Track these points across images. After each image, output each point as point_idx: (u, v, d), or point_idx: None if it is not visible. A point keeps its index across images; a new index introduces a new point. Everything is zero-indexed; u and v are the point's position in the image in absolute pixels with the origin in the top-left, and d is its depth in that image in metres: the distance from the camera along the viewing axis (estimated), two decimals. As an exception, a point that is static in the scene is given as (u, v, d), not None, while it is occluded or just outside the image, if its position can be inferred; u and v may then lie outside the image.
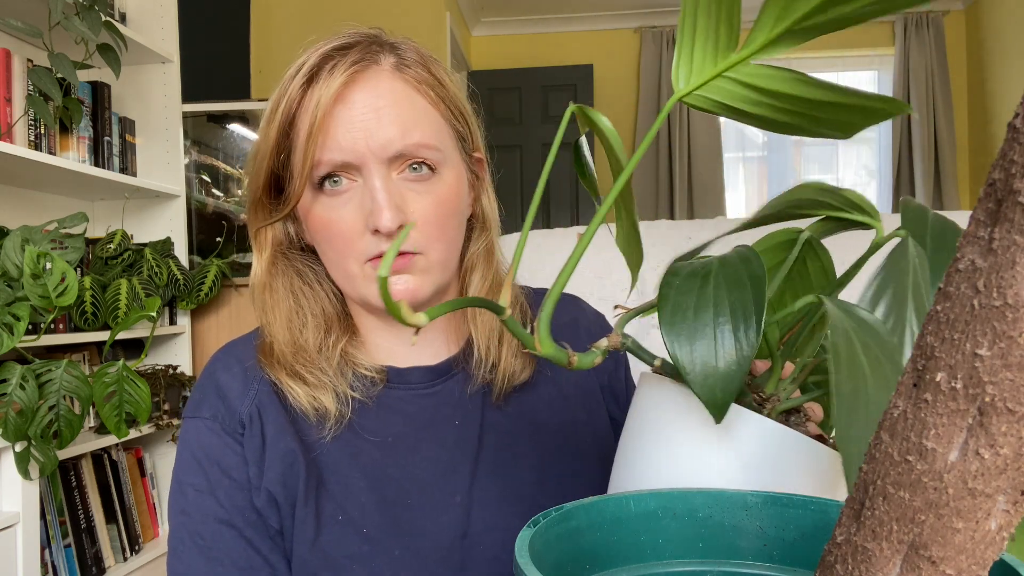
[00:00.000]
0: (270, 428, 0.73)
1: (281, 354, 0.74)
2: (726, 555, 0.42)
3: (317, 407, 0.73)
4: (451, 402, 0.77)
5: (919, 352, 0.26)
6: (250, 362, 0.76)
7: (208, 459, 0.73)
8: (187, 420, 0.76)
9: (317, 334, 0.75)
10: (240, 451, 0.73)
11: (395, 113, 0.69)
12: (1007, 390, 0.23)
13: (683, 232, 2.43)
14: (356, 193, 0.70)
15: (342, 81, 0.68)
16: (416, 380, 0.77)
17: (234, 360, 0.77)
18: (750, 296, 0.44)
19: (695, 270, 0.47)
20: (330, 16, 4.04)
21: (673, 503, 0.42)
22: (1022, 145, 0.23)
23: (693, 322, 0.44)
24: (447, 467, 0.75)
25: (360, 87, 0.69)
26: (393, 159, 0.70)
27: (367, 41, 0.73)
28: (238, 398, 0.74)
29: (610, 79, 5.04)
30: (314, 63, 0.70)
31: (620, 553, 0.41)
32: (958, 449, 0.25)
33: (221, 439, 0.73)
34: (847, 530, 0.28)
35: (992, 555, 0.26)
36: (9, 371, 1.78)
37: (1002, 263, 0.23)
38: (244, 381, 0.75)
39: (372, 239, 0.70)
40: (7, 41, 2.31)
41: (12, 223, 2.09)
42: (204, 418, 0.74)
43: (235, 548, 0.72)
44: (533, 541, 0.36)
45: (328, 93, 0.68)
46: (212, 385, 0.75)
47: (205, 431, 0.74)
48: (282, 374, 0.73)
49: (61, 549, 2.20)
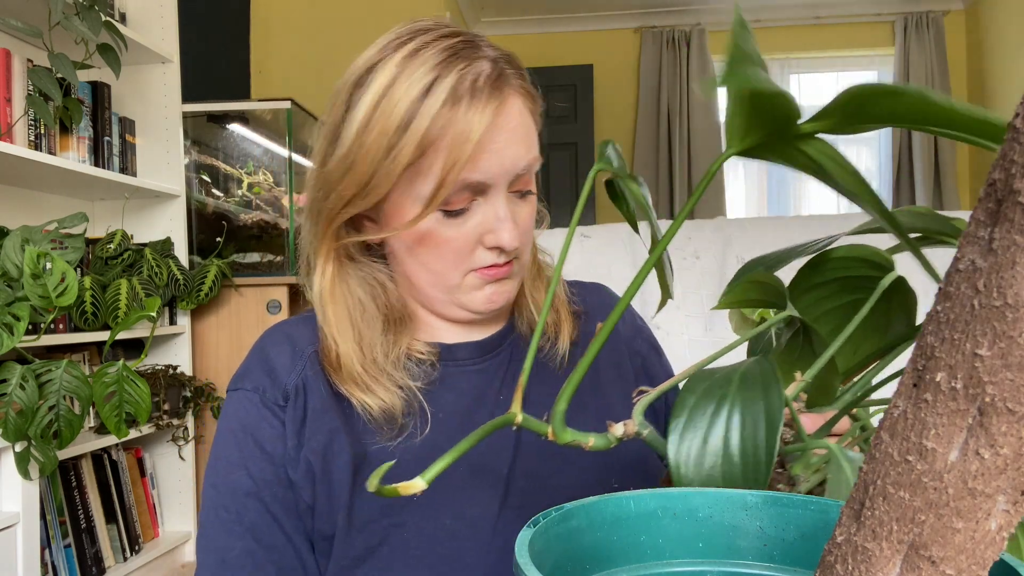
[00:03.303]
0: (314, 401, 0.74)
1: (349, 365, 0.73)
2: (726, 555, 0.42)
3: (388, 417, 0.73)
4: (498, 377, 0.79)
5: (919, 352, 0.26)
6: (300, 340, 0.77)
7: (244, 431, 0.74)
8: (229, 393, 0.77)
9: (383, 336, 0.75)
10: (278, 424, 0.74)
11: (520, 135, 0.71)
12: (1007, 390, 0.23)
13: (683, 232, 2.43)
14: (477, 211, 0.71)
15: (493, 108, 0.67)
16: (464, 356, 0.79)
17: (284, 337, 0.78)
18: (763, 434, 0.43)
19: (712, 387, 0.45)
20: (330, 16, 4.04)
21: (673, 503, 0.42)
22: (1022, 145, 0.23)
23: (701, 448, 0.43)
24: (494, 441, 0.76)
25: (502, 113, 0.69)
26: (514, 180, 0.72)
27: (495, 55, 0.71)
28: (284, 371, 0.75)
29: (610, 79, 5.04)
30: (454, 81, 0.67)
31: (620, 553, 0.41)
32: (958, 449, 0.25)
33: (259, 411, 0.74)
34: (847, 530, 0.28)
35: (992, 555, 0.26)
36: (9, 371, 1.78)
37: (1002, 263, 0.23)
38: (292, 356, 0.76)
39: (485, 253, 0.72)
40: (7, 41, 2.31)
41: (12, 223, 2.09)
42: (246, 390, 0.75)
43: (259, 522, 0.72)
44: (533, 541, 0.36)
45: (482, 122, 0.67)
46: (259, 358, 0.77)
47: (245, 403, 0.75)
48: (352, 387, 0.73)
49: (61, 549, 2.20)
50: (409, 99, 0.67)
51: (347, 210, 0.72)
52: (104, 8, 2.29)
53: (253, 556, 0.72)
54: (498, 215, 0.71)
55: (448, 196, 0.68)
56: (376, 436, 0.74)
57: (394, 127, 0.67)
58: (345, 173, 0.70)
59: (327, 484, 0.73)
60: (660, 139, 4.97)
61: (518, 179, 0.72)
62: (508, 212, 0.71)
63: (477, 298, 0.75)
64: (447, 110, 0.66)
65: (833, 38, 4.99)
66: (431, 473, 0.37)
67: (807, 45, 4.95)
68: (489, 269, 0.73)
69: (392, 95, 0.68)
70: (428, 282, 0.75)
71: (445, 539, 0.72)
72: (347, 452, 0.73)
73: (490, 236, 0.71)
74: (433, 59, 0.68)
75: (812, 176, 0.35)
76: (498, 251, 0.72)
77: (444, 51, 0.69)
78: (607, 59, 5.04)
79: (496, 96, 0.68)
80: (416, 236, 0.72)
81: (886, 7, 4.87)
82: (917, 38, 4.79)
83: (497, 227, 0.71)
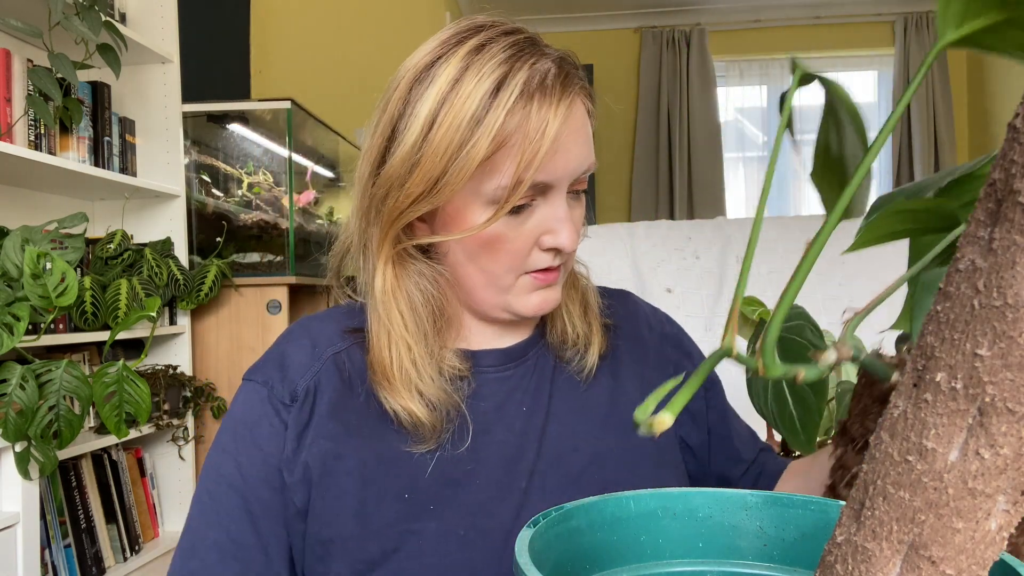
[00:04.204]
0: (323, 405, 0.73)
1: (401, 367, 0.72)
2: (726, 555, 0.42)
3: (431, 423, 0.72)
4: (521, 387, 0.78)
5: (919, 352, 0.26)
6: (322, 341, 0.76)
7: (244, 424, 0.74)
8: (243, 381, 0.76)
9: (431, 340, 0.74)
10: (279, 424, 0.73)
11: (583, 136, 0.70)
12: (1007, 390, 0.23)
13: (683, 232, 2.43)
14: (536, 211, 0.70)
15: (565, 108, 0.67)
16: (488, 364, 0.78)
17: (305, 334, 0.77)
18: None
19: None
20: (330, 16, 4.04)
21: (673, 503, 0.42)
22: (1022, 145, 0.23)
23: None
24: (515, 452, 0.75)
25: (571, 114, 0.69)
26: (573, 181, 0.71)
27: (557, 54, 0.71)
28: (299, 371, 0.74)
29: (610, 79, 5.04)
30: (526, 78, 0.66)
31: (620, 553, 0.41)
32: (958, 449, 0.25)
33: (263, 407, 0.73)
34: (847, 530, 0.28)
35: (992, 555, 0.26)
36: (9, 371, 1.78)
37: (1002, 263, 0.23)
38: (311, 356, 0.75)
39: (541, 255, 0.72)
40: (7, 41, 2.31)
41: (12, 223, 2.09)
42: (256, 382, 0.75)
43: (234, 518, 0.72)
44: (533, 541, 0.36)
45: (555, 123, 0.66)
46: (277, 353, 0.76)
47: (252, 395, 0.74)
48: (394, 392, 0.71)
49: (61, 549, 2.20)
50: (480, 93, 0.65)
51: (413, 209, 0.70)
52: (104, 8, 2.29)
53: (221, 548, 0.71)
54: (558, 216, 0.70)
55: (519, 197, 0.67)
56: (409, 440, 0.72)
57: (466, 121, 0.65)
58: (411, 171, 0.68)
59: (328, 488, 0.72)
60: (660, 139, 4.97)
61: (577, 180, 0.72)
62: (568, 213, 0.70)
63: (528, 303, 0.74)
64: (521, 106, 0.65)
65: (833, 38, 4.99)
66: (676, 407, 0.34)
67: (807, 45, 4.95)
68: (543, 273, 0.73)
69: (461, 90, 0.66)
70: (481, 284, 0.74)
71: (458, 548, 0.71)
72: (355, 457, 0.71)
73: (548, 237, 0.71)
74: (501, 54, 0.66)
75: None
76: (554, 253, 0.72)
77: (510, 47, 0.67)
78: (607, 59, 5.04)
79: (567, 95, 0.67)
80: (487, 237, 0.70)
81: (886, 7, 4.87)
82: (917, 38, 4.79)
83: (557, 227, 0.70)
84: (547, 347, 0.81)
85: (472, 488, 0.73)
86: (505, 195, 0.67)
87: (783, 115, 0.39)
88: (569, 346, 0.80)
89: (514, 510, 0.73)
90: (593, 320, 0.81)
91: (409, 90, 0.69)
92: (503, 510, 0.73)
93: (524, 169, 0.65)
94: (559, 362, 0.80)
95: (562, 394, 0.79)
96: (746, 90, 5.14)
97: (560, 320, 0.80)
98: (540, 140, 0.65)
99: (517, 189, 0.66)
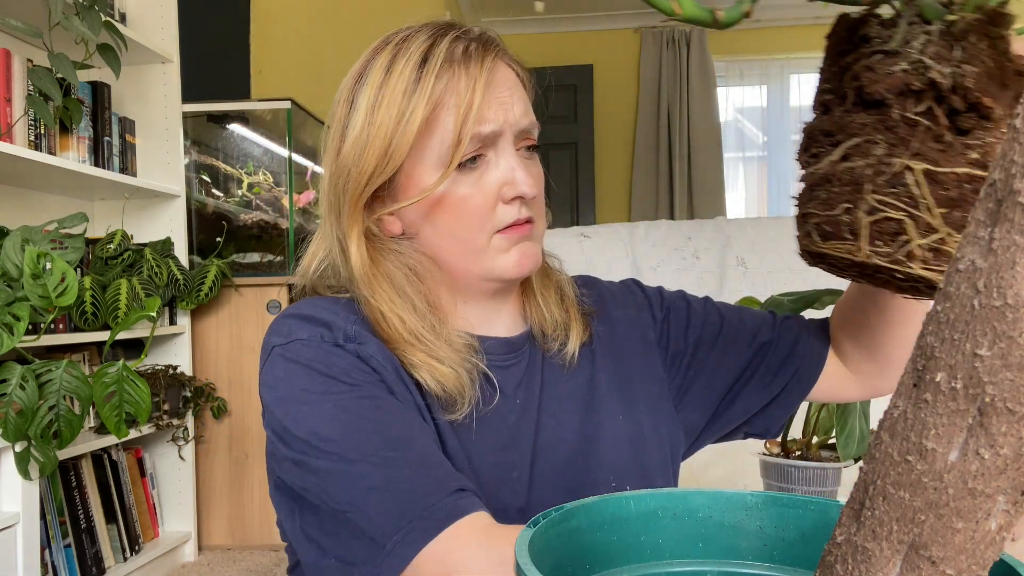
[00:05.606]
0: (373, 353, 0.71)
1: (412, 328, 0.72)
2: (726, 555, 0.42)
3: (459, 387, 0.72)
4: (517, 378, 0.79)
5: (919, 352, 0.26)
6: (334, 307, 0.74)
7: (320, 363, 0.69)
8: (276, 351, 0.71)
9: (429, 318, 0.75)
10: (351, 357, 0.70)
11: (519, 95, 0.76)
12: (1007, 390, 0.23)
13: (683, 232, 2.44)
14: (488, 168, 0.74)
15: (489, 65, 0.72)
16: (492, 351, 0.79)
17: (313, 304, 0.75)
18: None
19: None
20: (330, 16, 4.04)
21: (673, 503, 0.42)
22: (1022, 145, 0.23)
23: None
24: (510, 442, 0.76)
25: (497, 70, 0.74)
26: (519, 134, 0.75)
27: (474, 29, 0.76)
28: (339, 318, 0.72)
29: (610, 79, 5.04)
30: (448, 48, 0.72)
31: (620, 553, 0.41)
32: (958, 449, 0.25)
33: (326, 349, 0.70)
34: (847, 530, 0.28)
35: (992, 555, 0.26)
36: (9, 371, 1.78)
37: (1002, 263, 0.23)
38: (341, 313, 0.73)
39: (505, 208, 0.74)
40: (7, 41, 2.31)
41: (12, 223, 2.09)
42: (301, 339, 0.71)
43: (390, 408, 0.68)
44: (533, 541, 0.36)
45: (481, 76, 0.71)
46: (297, 319, 0.73)
47: (304, 348, 0.70)
48: (420, 354, 0.71)
49: (61, 549, 2.20)
50: (409, 69, 0.72)
51: (371, 184, 0.74)
52: (104, 8, 2.29)
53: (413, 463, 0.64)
54: (511, 164, 0.73)
55: (468, 150, 0.72)
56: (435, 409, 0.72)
57: (401, 94, 0.71)
58: (362, 151, 0.74)
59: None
60: (660, 139, 4.96)
61: (523, 135, 0.75)
62: (520, 162, 0.74)
63: (507, 262, 0.75)
64: (447, 69, 0.71)
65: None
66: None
67: (807, 45, 4.95)
68: (513, 228, 0.74)
69: (393, 72, 0.72)
70: (457, 253, 0.75)
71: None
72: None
73: (508, 188, 0.73)
74: (422, 35, 0.74)
75: None
76: (519, 204, 0.74)
77: (431, 29, 0.75)
78: (607, 59, 5.04)
79: (489, 56, 0.73)
80: (435, 202, 0.73)
81: (885, 7, 4.86)
82: (917, 38, 4.78)
83: (512, 176, 0.73)
84: (535, 341, 0.82)
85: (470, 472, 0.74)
86: (450, 152, 0.72)
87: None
88: (549, 333, 0.82)
89: (513, 498, 0.75)
90: (570, 307, 0.83)
91: (351, 92, 0.76)
92: (499, 498, 0.74)
93: (463, 123, 0.70)
94: (545, 354, 0.82)
95: (549, 380, 0.80)
96: (746, 90, 5.14)
97: (537, 308, 0.82)
98: (472, 93, 0.71)
99: (460, 143, 0.71)
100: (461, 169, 0.73)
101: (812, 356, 0.83)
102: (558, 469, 0.77)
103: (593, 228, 2.35)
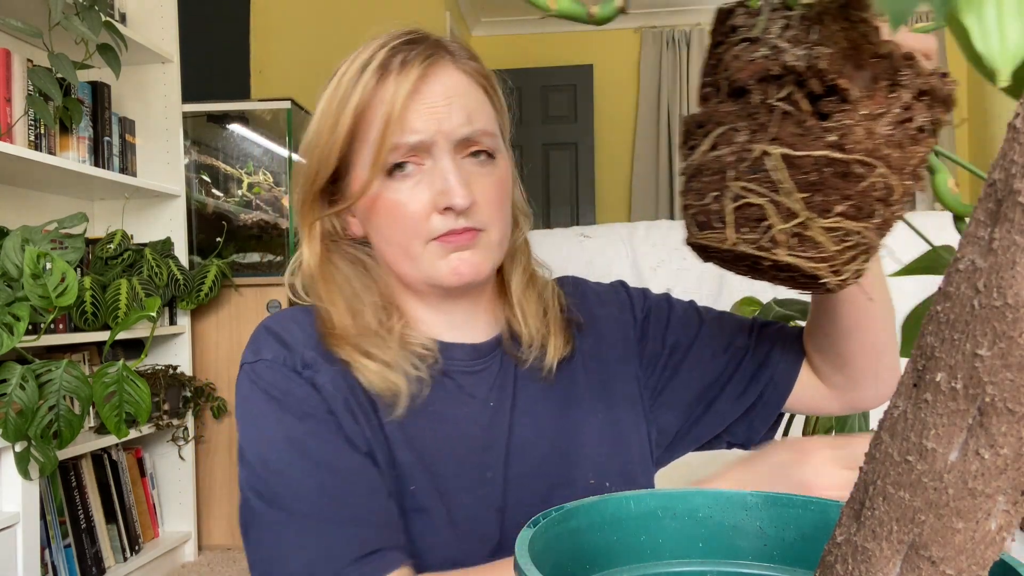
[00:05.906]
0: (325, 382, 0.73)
1: (346, 335, 0.75)
2: (726, 555, 0.42)
3: (390, 386, 0.73)
4: (488, 383, 0.80)
5: (919, 352, 0.26)
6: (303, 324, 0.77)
7: (277, 389, 0.73)
8: (244, 368, 0.75)
9: (376, 316, 0.77)
10: (306, 386, 0.73)
11: (462, 103, 0.75)
12: (1007, 390, 0.23)
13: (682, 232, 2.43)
14: (424, 176, 0.74)
15: (418, 74, 0.73)
16: (460, 357, 0.79)
17: (289, 318, 0.78)
18: None
19: None
20: (330, 16, 4.04)
21: (673, 503, 0.42)
22: (1022, 145, 0.23)
23: None
24: (483, 444, 0.77)
25: (431, 79, 0.74)
26: (460, 143, 0.74)
27: (430, 38, 0.77)
28: (300, 339, 0.75)
29: (610, 79, 5.04)
30: (384, 57, 0.74)
31: (620, 553, 0.41)
32: (958, 449, 0.25)
33: (284, 375, 0.73)
34: (847, 530, 0.28)
35: (992, 555, 0.26)
36: (9, 371, 1.78)
37: (1002, 263, 0.23)
38: (303, 334, 0.76)
39: (440, 218, 0.73)
40: (7, 41, 2.31)
41: (12, 223, 2.09)
42: (265, 360, 0.74)
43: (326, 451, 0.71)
44: (533, 541, 0.36)
45: (406, 85, 0.72)
46: (269, 335, 0.76)
47: (266, 370, 0.73)
48: (353, 352, 0.74)
49: (61, 549, 2.20)
50: (348, 78, 0.75)
51: (315, 185, 0.78)
52: (104, 8, 2.29)
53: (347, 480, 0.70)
54: (445, 176, 0.72)
55: (387, 157, 0.73)
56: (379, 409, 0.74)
57: (336, 103, 0.75)
58: (309, 155, 0.78)
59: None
60: (660, 139, 4.96)
61: (467, 143, 0.74)
62: (456, 172, 0.73)
63: (442, 269, 0.75)
64: (375, 79, 0.74)
65: (833, 38, 4.98)
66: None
67: (807, 45, 4.95)
68: (449, 236, 0.74)
69: (338, 80, 0.76)
70: (398, 257, 0.76)
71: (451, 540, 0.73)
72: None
73: (440, 197, 0.72)
74: (376, 44, 0.76)
75: None
76: (453, 215, 0.73)
77: (387, 38, 0.77)
78: (607, 59, 5.04)
79: (424, 66, 0.74)
80: (382, 207, 0.75)
81: None
82: (917, 38, 4.78)
83: (443, 186, 0.72)
84: (507, 347, 0.82)
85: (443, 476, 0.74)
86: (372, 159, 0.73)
87: None
88: (524, 347, 0.81)
89: (488, 499, 0.75)
90: (552, 321, 0.83)
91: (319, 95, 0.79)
92: (473, 500, 0.75)
93: (384, 131, 0.72)
94: (519, 361, 0.81)
95: (526, 389, 0.81)
96: (746, 90, 5.14)
97: (514, 320, 0.82)
98: (393, 102, 0.72)
99: (381, 152, 0.72)
100: (394, 176, 0.74)
101: (786, 364, 0.82)
102: (534, 468, 0.78)
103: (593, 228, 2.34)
